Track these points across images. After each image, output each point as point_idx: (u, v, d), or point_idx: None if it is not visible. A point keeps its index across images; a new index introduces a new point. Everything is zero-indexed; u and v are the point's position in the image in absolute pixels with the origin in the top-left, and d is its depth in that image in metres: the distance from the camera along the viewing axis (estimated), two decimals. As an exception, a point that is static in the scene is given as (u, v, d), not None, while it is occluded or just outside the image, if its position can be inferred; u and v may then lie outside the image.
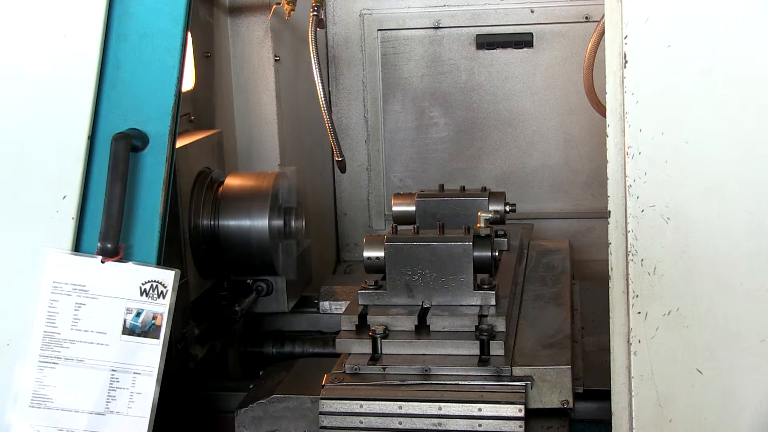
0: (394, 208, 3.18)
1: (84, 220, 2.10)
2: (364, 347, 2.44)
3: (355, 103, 4.25)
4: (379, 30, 4.18)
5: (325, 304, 3.30)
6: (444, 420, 2.24)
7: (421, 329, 2.47)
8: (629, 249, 2.00)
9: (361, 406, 2.26)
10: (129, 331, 2.07)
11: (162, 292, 2.09)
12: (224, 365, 3.15)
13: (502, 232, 3.04)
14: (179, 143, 2.78)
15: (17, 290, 2.07)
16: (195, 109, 3.19)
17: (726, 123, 1.95)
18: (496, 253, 2.56)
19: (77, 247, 2.09)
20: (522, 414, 2.22)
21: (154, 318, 2.08)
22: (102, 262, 2.06)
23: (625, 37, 1.96)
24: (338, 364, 2.42)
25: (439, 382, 2.32)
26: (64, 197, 2.08)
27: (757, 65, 1.93)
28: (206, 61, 3.31)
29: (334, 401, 2.28)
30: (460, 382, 2.31)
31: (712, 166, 1.96)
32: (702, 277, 1.98)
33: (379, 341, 2.43)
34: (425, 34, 4.17)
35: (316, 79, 3.23)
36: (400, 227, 2.69)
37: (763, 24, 1.92)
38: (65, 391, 2.04)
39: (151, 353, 2.07)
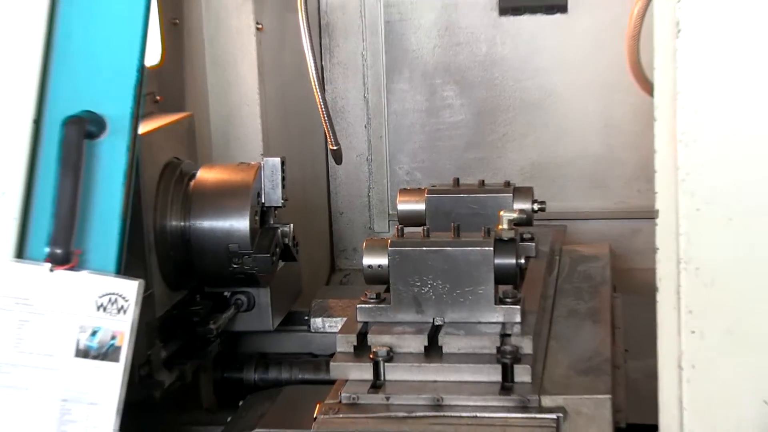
0: (400, 207, 3.19)
1: (29, 220, 2.11)
2: (363, 372, 2.46)
3: (353, 80, 4.27)
4: (382, -7, 4.20)
5: (317, 321, 3.31)
6: (460, 460, 2.25)
7: (432, 351, 2.48)
8: (681, 256, 2.01)
9: (361, 442, 2.28)
10: (83, 352, 2.08)
11: (122, 306, 2.10)
12: (197, 394, 3.17)
13: (530, 236, 3.05)
14: (143, 129, 2.79)
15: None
16: (162, 88, 3.21)
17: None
18: (522, 261, 2.57)
19: (21, 254, 2.11)
20: (553, 453, 2.23)
21: (113, 337, 2.09)
22: (51, 270, 2.07)
23: (679, 0, 1.97)
24: (333, 393, 2.43)
25: (453, 414, 2.33)
26: (3, 194, 2.10)
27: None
28: (175, 30, 3.32)
29: (328, 437, 2.29)
30: (478, 414, 2.32)
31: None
32: (768, 286, 1.99)
33: (381, 365, 2.44)
34: (437, -2, 4.19)
35: (306, 52, 3.24)
36: (406, 229, 2.70)
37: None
38: (6, 425, 2.06)
39: (109, 379, 2.09)
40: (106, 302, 2.10)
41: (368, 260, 2.61)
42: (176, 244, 2.97)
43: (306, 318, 3.33)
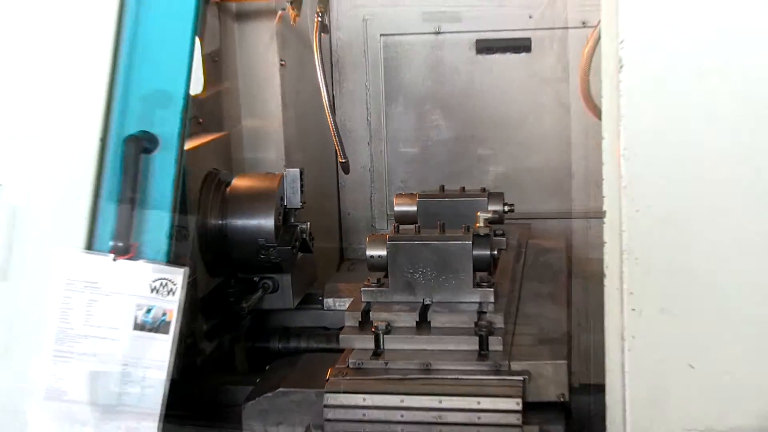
0: (396, 208, 3.19)
1: (97, 219, 2.11)
2: (367, 343, 2.45)
3: (358, 105, 4.26)
4: (381, 35, 4.18)
5: (329, 301, 3.31)
6: (444, 413, 2.25)
7: (422, 325, 2.48)
8: (624, 248, 2.01)
9: (364, 399, 2.27)
10: (140, 326, 2.08)
11: (172, 289, 2.10)
12: (232, 360, 3.16)
13: (501, 232, 3.04)
14: (188, 145, 2.79)
15: (34, 287, 2.08)
16: (203, 113, 3.21)
17: (720, 125, 1.95)
18: (495, 252, 2.57)
19: (90, 246, 2.10)
20: (519, 407, 2.23)
21: (164, 314, 2.09)
22: (114, 260, 2.07)
23: (621, 42, 1.97)
24: (342, 359, 2.43)
25: (439, 377, 2.33)
26: (78, 197, 2.10)
27: (752, 68, 1.93)
28: (214, 66, 3.32)
29: (338, 395, 2.29)
30: (459, 377, 2.32)
31: (705, 168, 1.96)
32: (695, 275, 1.99)
33: (381, 337, 2.44)
34: (426, 39, 4.17)
35: (320, 83, 3.24)
36: (402, 227, 2.70)
37: (758, 27, 1.93)
38: (79, 384, 2.05)
39: (161, 348, 2.08)
40: (158, 285, 2.09)
41: (371, 251, 2.61)
42: (215, 238, 2.97)
43: (320, 298, 3.33)
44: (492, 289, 2.53)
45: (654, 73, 1.97)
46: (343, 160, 3.35)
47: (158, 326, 2.09)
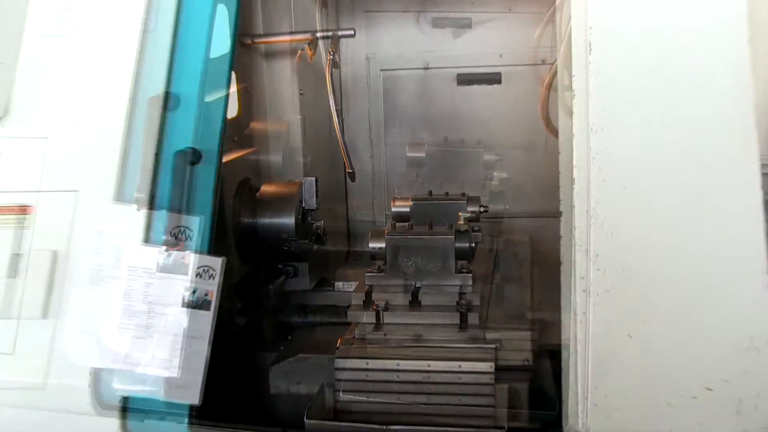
0: (393, 209, 3.19)
1: (152, 219, 2.12)
2: (369, 318, 2.46)
3: (362, 126, 4.27)
4: (381, 70, 4.20)
5: (339, 284, 3.31)
6: (432, 374, 2.26)
7: (414, 304, 2.49)
8: (576, 242, 2.02)
9: (367, 363, 2.29)
10: (187, 304, 2.09)
11: (212, 274, 2.11)
12: (260, 332, 3.17)
13: (478, 228, 3.05)
14: (225, 158, 2.80)
15: (105, 273, 2.09)
16: (237, 132, 3.21)
17: (653, 142, 1.97)
18: (473, 245, 2.58)
19: (147, 240, 2.11)
20: (492, 369, 2.24)
21: (206, 295, 2.10)
22: (166, 251, 2.08)
23: (573, 76, 1.98)
24: (350, 331, 2.44)
25: (428, 345, 2.34)
26: (138, 200, 2.11)
27: (681, 97, 1.95)
28: (246, 94, 3.33)
29: (346, 359, 2.30)
30: (444, 345, 2.33)
31: (641, 178, 1.98)
32: (631, 262, 2.00)
33: (381, 313, 2.45)
34: (417, 73, 4.19)
35: (332, 108, 3.25)
36: (398, 224, 2.71)
37: (684, 63, 1.94)
38: (138, 351, 2.07)
39: (203, 322, 2.09)
40: (201, 272, 2.10)
41: (373, 244, 2.62)
42: (247, 233, 2.97)
43: (332, 282, 3.32)
44: (470, 275, 2.54)
45: (601, 102, 1.98)
46: (350, 170, 3.36)
47: (201, 304, 2.09)
